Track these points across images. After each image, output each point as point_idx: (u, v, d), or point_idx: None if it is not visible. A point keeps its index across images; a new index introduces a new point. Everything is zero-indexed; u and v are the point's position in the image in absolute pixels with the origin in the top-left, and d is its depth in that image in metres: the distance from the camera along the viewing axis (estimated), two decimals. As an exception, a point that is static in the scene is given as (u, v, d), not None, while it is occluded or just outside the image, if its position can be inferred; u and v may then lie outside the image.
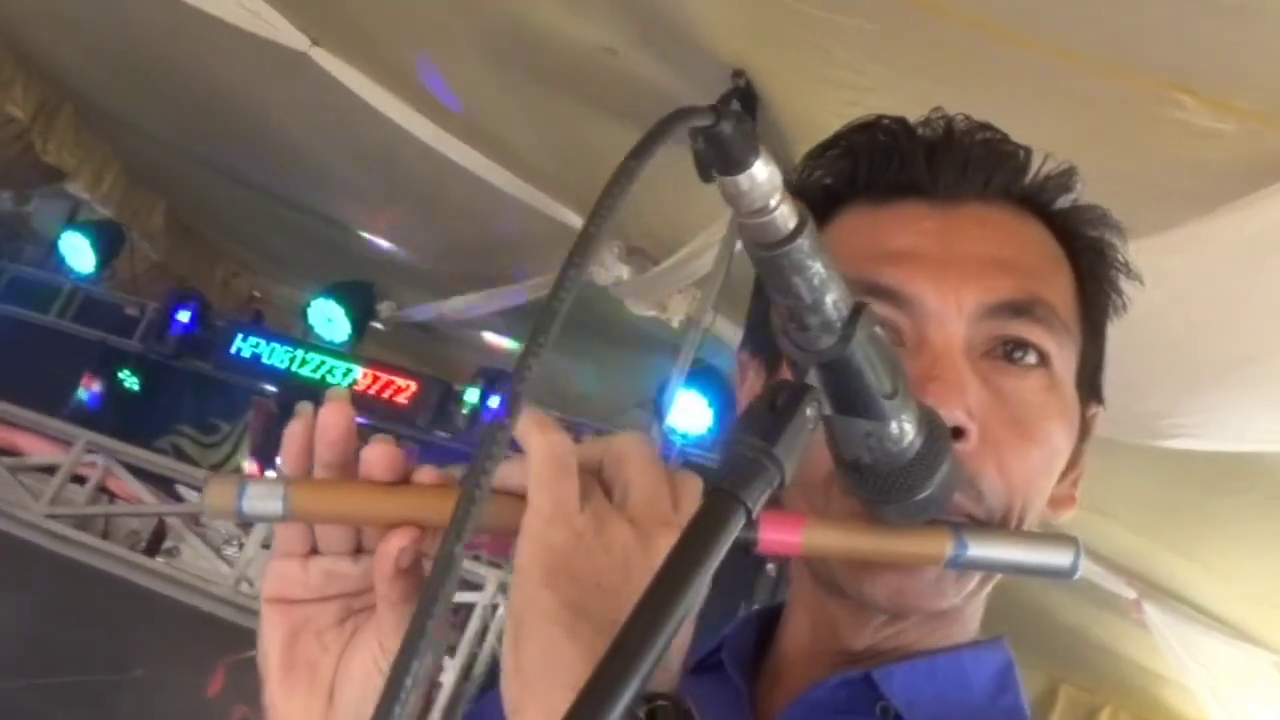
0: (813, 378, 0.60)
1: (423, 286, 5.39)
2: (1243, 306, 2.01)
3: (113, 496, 3.22)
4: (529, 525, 0.61)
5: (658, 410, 4.21)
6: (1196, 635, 4.04)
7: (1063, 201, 0.85)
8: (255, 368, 5.38)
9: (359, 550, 0.72)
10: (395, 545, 0.67)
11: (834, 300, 0.58)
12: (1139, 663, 4.93)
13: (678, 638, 0.56)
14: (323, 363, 5.25)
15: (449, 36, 3.29)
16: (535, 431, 0.63)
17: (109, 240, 5.98)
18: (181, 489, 3.32)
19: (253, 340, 5.40)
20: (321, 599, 0.73)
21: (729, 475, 0.56)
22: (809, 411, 0.59)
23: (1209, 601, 3.84)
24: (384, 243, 5.23)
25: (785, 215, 0.54)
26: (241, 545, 2.98)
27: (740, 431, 0.58)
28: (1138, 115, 1.99)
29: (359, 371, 5.16)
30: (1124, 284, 0.88)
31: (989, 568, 0.75)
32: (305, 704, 0.73)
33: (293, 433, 0.69)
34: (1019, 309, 0.78)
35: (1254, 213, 1.89)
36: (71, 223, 6.19)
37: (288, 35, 3.55)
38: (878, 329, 0.61)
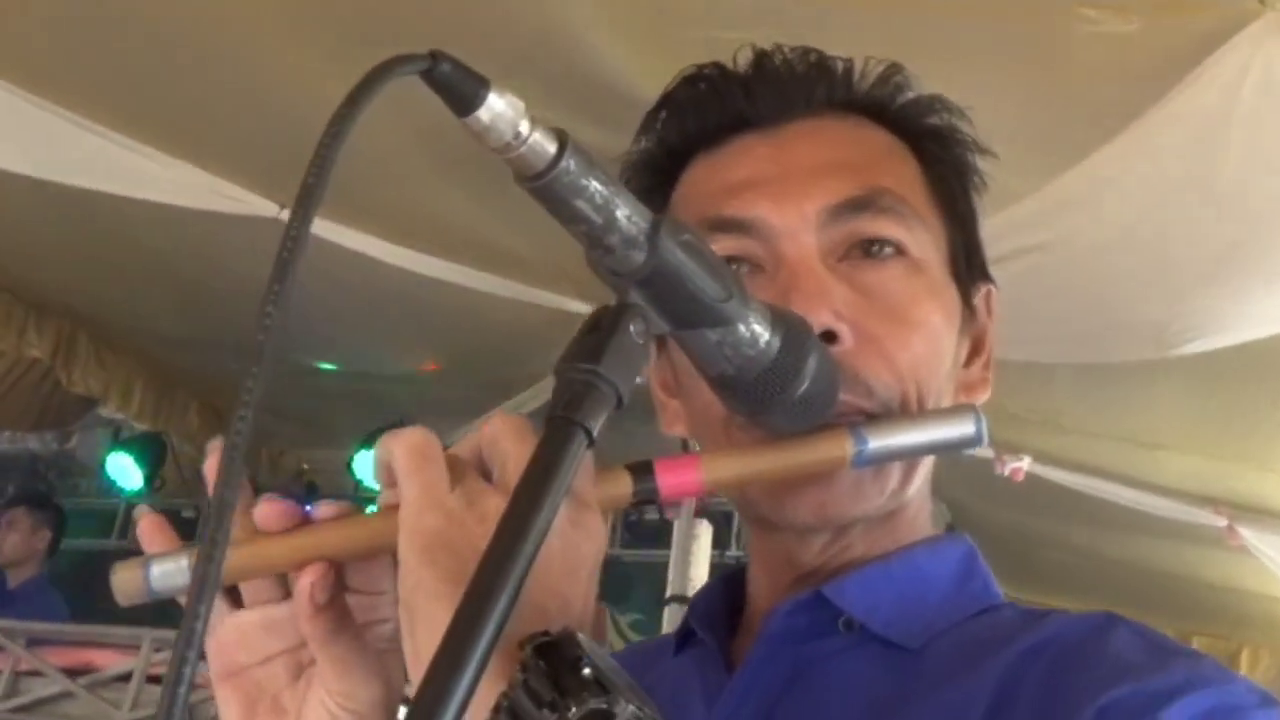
0: (635, 297, 0.62)
1: (457, 412, 5.45)
2: (1207, 196, 2.00)
3: (192, 685, 3.23)
4: (403, 517, 0.62)
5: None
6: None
7: (892, 98, 0.86)
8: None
9: (288, 595, 0.73)
10: (306, 582, 0.67)
11: (627, 215, 0.59)
12: (1257, 592, 4.79)
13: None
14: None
15: (415, 165, 3.37)
16: (390, 440, 0.64)
17: (152, 452, 6.12)
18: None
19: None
20: (266, 659, 0.73)
21: (561, 402, 0.58)
22: (633, 328, 0.60)
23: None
24: (411, 374, 5.30)
25: (541, 141, 0.56)
26: None
27: (566, 360, 0.59)
28: (1051, 38, 2.00)
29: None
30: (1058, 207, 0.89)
31: (895, 456, 0.75)
32: None
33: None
34: (862, 204, 0.79)
35: (1183, 104, 1.90)
36: (116, 443, 6.34)
37: (257, 207, 3.67)
38: (688, 236, 0.62)
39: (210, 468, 0.69)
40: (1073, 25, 1.91)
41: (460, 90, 0.54)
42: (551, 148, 0.56)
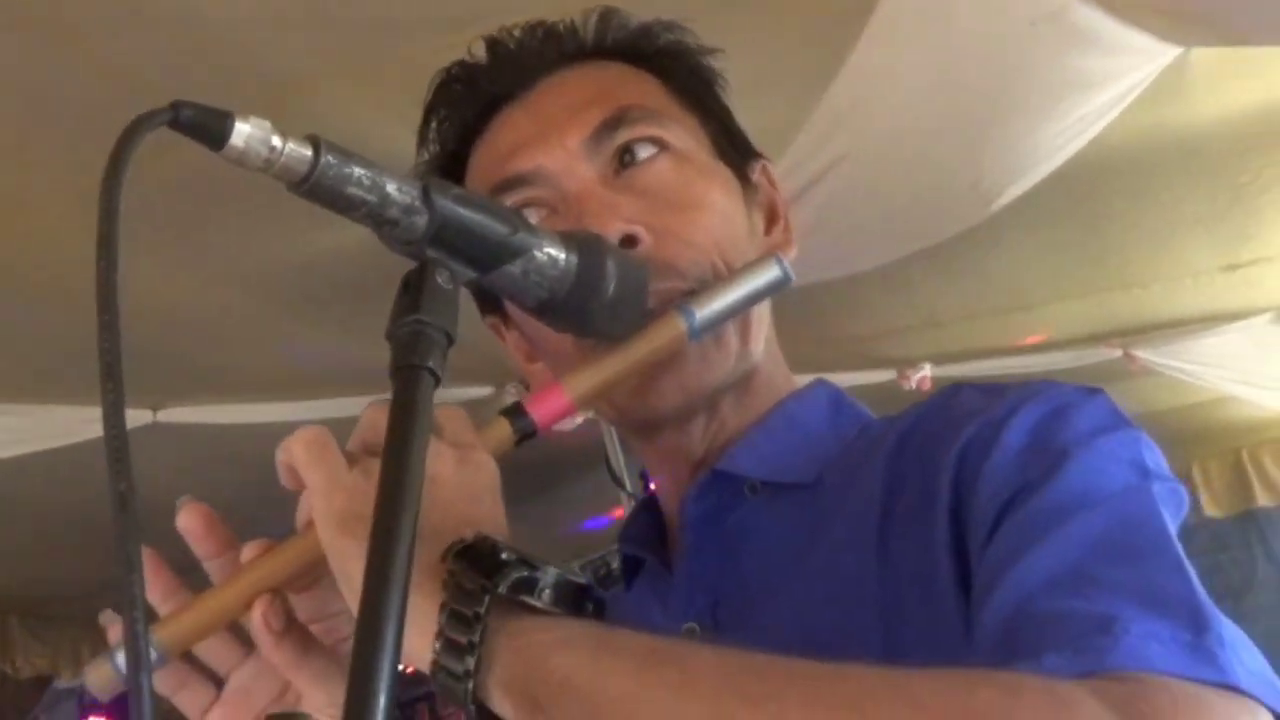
0: (433, 254, 0.70)
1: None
2: (954, 56, 2.14)
3: None
4: (314, 504, 0.69)
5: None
6: (1192, 347, 4.13)
7: (614, 36, 0.96)
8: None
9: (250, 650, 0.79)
10: (258, 614, 0.73)
11: (397, 187, 0.67)
12: (1175, 406, 5.00)
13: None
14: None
15: (265, 324, 3.41)
16: (289, 441, 0.71)
17: (124, 704, 5.96)
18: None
19: None
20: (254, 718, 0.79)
21: (400, 354, 0.65)
22: (440, 279, 0.68)
23: (1177, 309, 3.94)
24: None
25: (296, 149, 0.64)
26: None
27: (391, 322, 0.67)
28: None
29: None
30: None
31: (723, 316, 0.83)
32: None
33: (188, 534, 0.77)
34: (614, 122, 0.88)
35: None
36: (86, 710, 6.17)
37: (132, 418, 3.65)
38: (457, 190, 0.71)
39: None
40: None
41: (209, 127, 0.61)
42: (308, 151, 0.64)
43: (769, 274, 0.84)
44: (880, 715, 0.53)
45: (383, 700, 0.52)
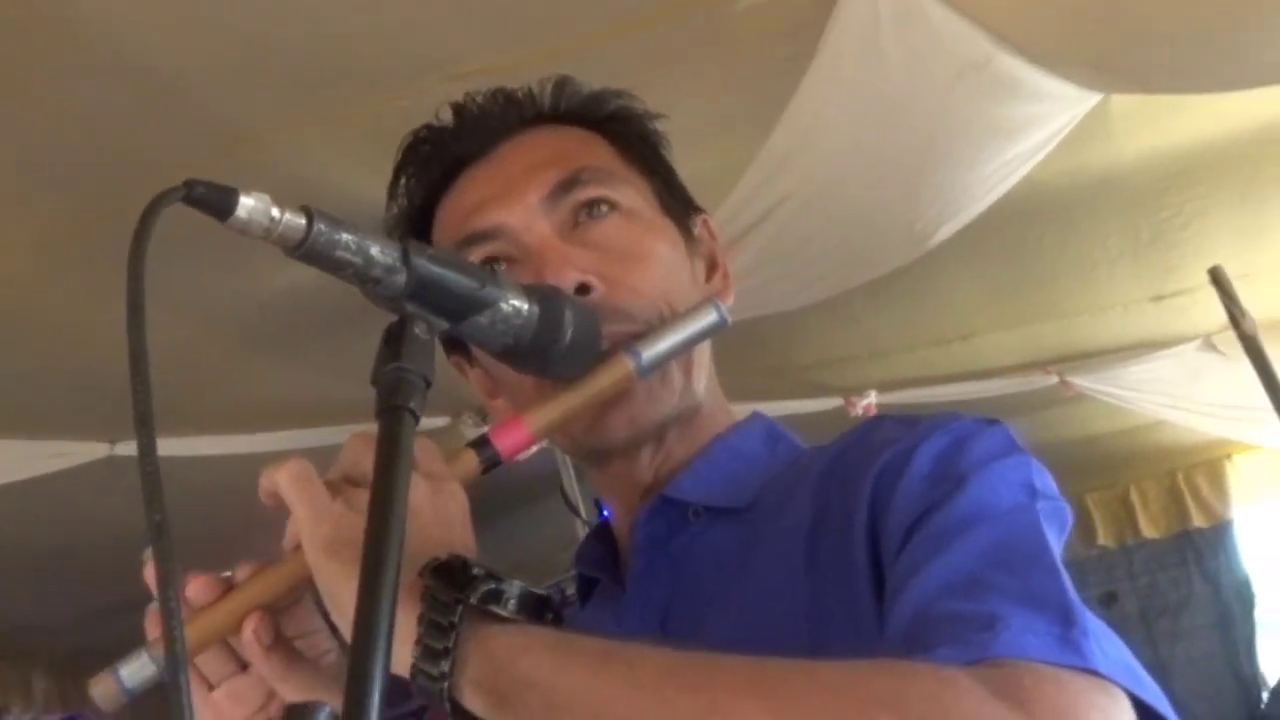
0: (411, 309, 0.79)
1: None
2: (888, 105, 2.27)
3: None
4: (302, 531, 0.78)
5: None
6: (1124, 373, 4.28)
7: (567, 103, 1.06)
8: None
9: (244, 667, 0.87)
10: (248, 630, 0.81)
11: (380, 250, 0.76)
12: (1114, 430, 5.17)
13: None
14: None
15: (226, 360, 3.46)
16: (273, 471, 0.80)
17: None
18: None
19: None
20: None
21: (385, 397, 0.75)
22: (418, 330, 0.78)
23: (1108, 338, 4.09)
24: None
25: (292, 218, 0.73)
26: None
27: (376, 369, 0.76)
28: (715, 30, 2.25)
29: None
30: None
31: (667, 356, 0.92)
32: None
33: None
34: (570, 182, 0.98)
35: (840, 35, 2.15)
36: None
37: (88, 452, 3.71)
38: (431, 251, 0.80)
39: (148, 573, 0.84)
40: (723, 11, 2.17)
41: (216, 202, 0.70)
42: (302, 220, 0.73)
43: (707, 318, 0.94)
44: (793, 696, 0.63)
45: (376, 700, 0.61)
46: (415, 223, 1.05)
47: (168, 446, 3.74)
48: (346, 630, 0.74)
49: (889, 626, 0.73)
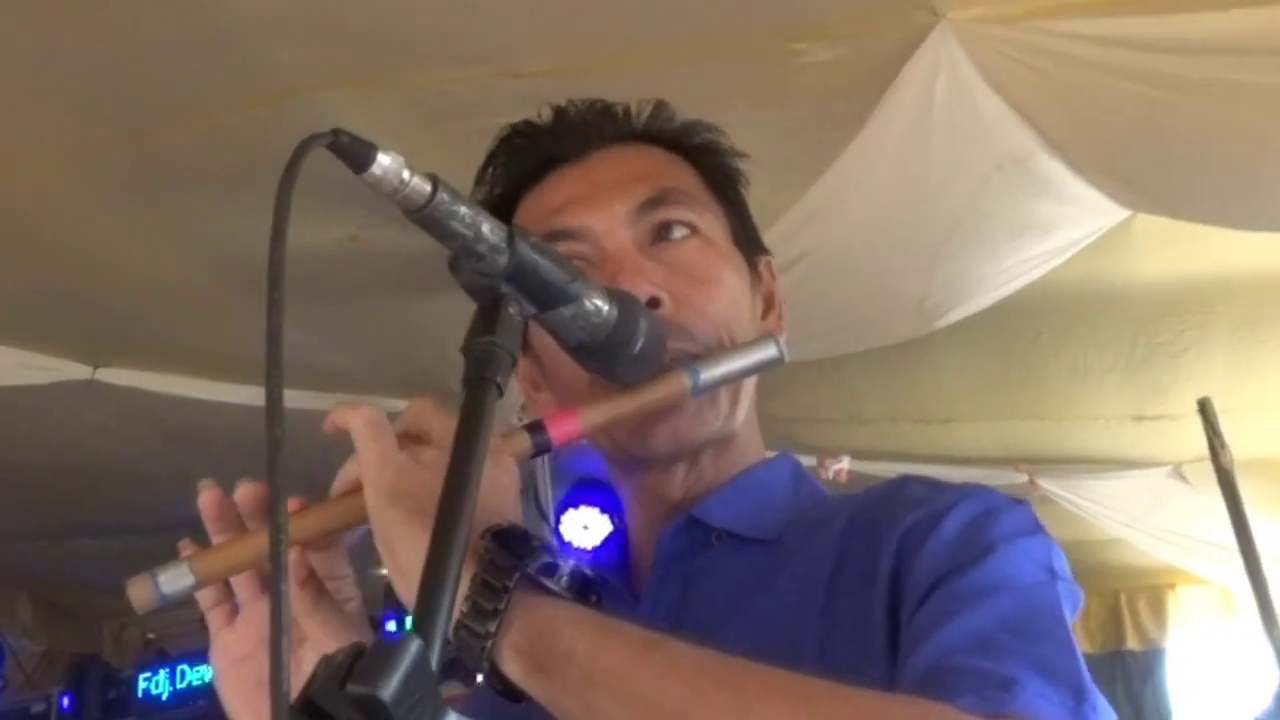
0: (506, 289, 0.83)
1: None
2: (925, 185, 2.33)
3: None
4: (365, 475, 0.81)
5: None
6: (1092, 485, 4.35)
7: (664, 127, 1.11)
8: (186, 695, 5.37)
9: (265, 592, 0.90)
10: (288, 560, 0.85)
11: (490, 228, 0.80)
12: (1069, 540, 5.23)
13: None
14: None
15: (209, 295, 3.47)
16: (347, 411, 0.83)
17: (-12, 655, 5.88)
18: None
19: (159, 676, 5.39)
20: (255, 650, 0.91)
21: (475, 367, 0.78)
22: (511, 310, 0.81)
23: (1083, 448, 4.16)
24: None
25: (420, 183, 0.76)
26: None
27: (469, 340, 0.80)
28: (772, 78, 2.31)
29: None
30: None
31: (722, 380, 0.97)
32: None
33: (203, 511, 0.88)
34: (657, 200, 1.02)
35: (893, 107, 2.22)
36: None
37: (70, 371, 3.70)
38: (535, 239, 0.84)
39: (206, 502, 0.88)
40: (787, 60, 2.23)
41: (357, 154, 0.74)
42: (428, 187, 0.77)
43: (766, 352, 0.99)
44: (824, 711, 0.67)
45: (440, 636, 0.64)
46: (497, 209, 1.09)
47: (153, 381, 3.74)
48: (397, 577, 0.78)
49: (905, 672, 0.77)
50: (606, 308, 0.88)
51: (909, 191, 2.34)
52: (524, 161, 1.07)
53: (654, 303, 0.96)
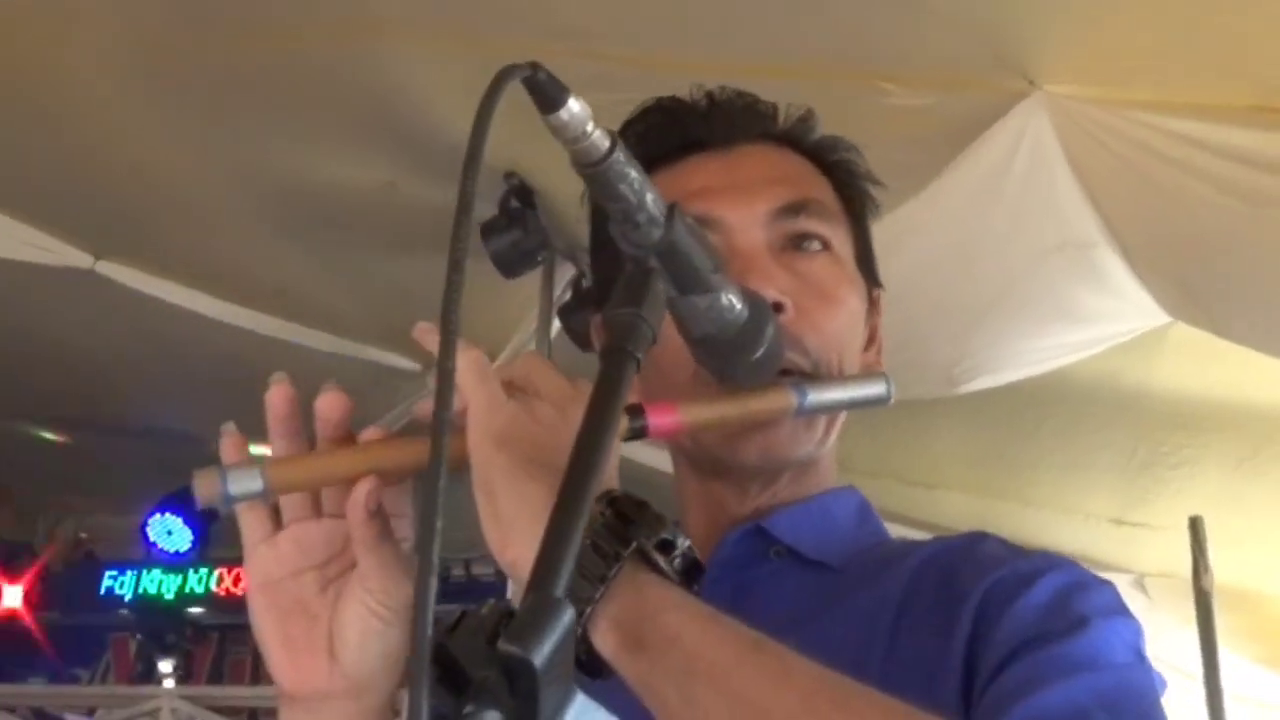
0: (654, 264, 0.80)
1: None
2: (982, 248, 2.32)
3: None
4: (473, 416, 0.77)
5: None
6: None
7: (809, 136, 1.08)
8: (108, 602, 5.28)
9: (319, 515, 0.85)
10: (363, 490, 0.79)
11: (653, 199, 0.77)
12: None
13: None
14: (177, 576, 5.18)
15: (233, 213, 3.42)
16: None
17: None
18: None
19: (110, 573, 5.31)
20: (296, 573, 0.85)
21: (616, 337, 0.75)
22: (658, 285, 0.78)
23: (1057, 540, 4.16)
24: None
25: (600, 138, 0.73)
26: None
27: (613, 306, 0.76)
28: (853, 111, 2.29)
29: (214, 574, 5.12)
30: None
31: (827, 408, 0.95)
32: (312, 667, 0.84)
33: (272, 408, 0.83)
34: (797, 208, 1.00)
35: (968, 167, 2.21)
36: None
37: (69, 257, 3.62)
38: (691, 220, 0.81)
39: (278, 397, 0.83)
40: (873, 97, 2.21)
41: (550, 94, 0.70)
42: (606, 144, 0.73)
43: (875, 389, 0.96)
44: None
45: (563, 579, 0.60)
46: None
47: (152, 284, 3.68)
48: (492, 523, 0.75)
49: None
50: (739, 306, 0.85)
51: (963, 254, 2.33)
52: (665, 138, 1.04)
53: (777, 308, 0.94)
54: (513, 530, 0.73)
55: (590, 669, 0.72)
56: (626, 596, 0.71)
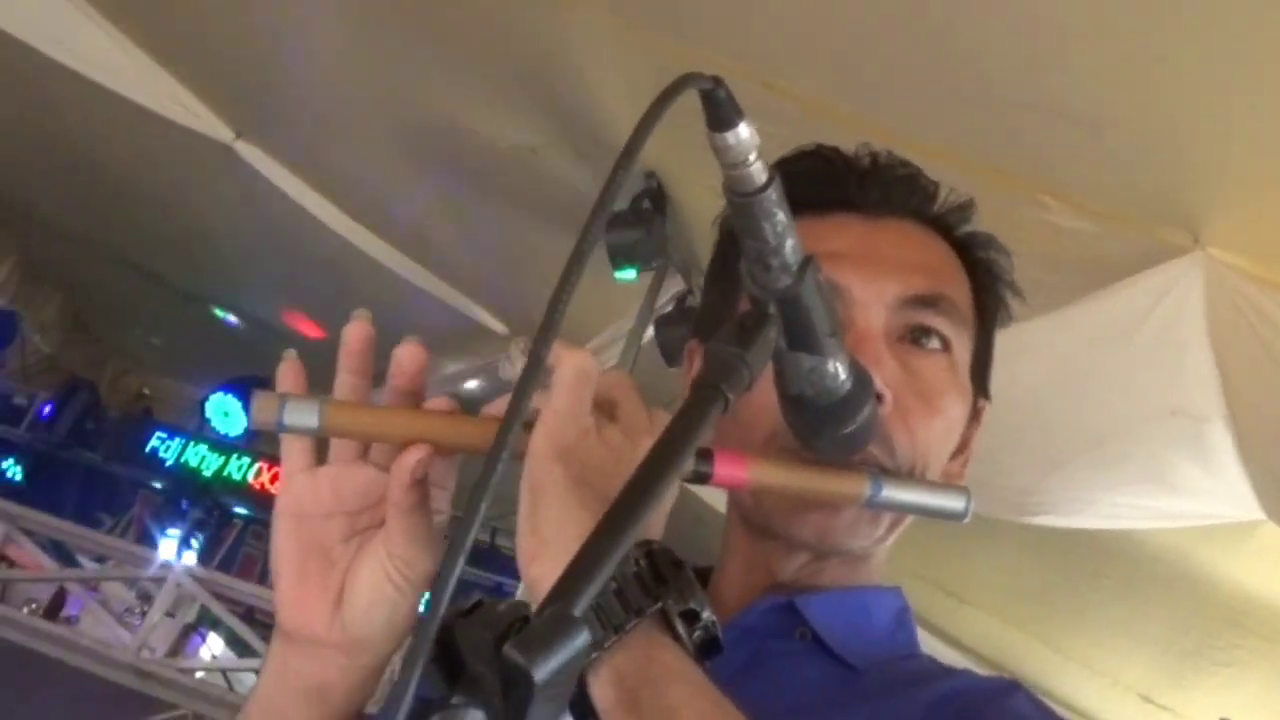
0: (773, 311, 0.77)
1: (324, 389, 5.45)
2: (1092, 389, 2.24)
3: (11, 563, 3.19)
4: (546, 419, 0.75)
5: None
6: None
7: (962, 227, 1.04)
8: (149, 460, 5.38)
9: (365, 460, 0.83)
10: (413, 458, 0.77)
11: (792, 246, 0.74)
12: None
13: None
14: (220, 456, 5.25)
15: (369, 132, 3.45)
16: (565, 351, 0.77)
17: (1, 328, 5.94)
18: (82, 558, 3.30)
19: (159, 434, 5.41)
20: (327, 515, 0.83)
21: (713, 373, 0.72)
22: (771, 333, 0.75)
23: (1078, 698, 4.04)
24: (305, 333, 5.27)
25: (759, 170, 0.70)
26: (143, 613, 2.98)
27: (720, 341, 0.73)
28: (1005, 214, 2.23)
29: (255, 465, 5.18)
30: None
31: (898, 508, 0.90)
32: (316, 610, 0.82)
33: (347, 343, 0.81)
34: (928, 301, 0.95)
35: (1105, 305, 2.14)
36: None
37: (212, 127, 3.69)
38: (822, 278, 0.78)
39: (355, 334, 0.81)
40: (1029, 207, 2.15)
41: (725, 113, 0.68)
42: (764, 178, 0.71)
43: (954, 503, 0.91)
44: None
45: (584, 604, 0.57)
46: None
47: (283, 177, 3.72)
48: (528, 534, 0.72)
49: None
50: (844, 376, 0.81)
51: (1073, 389, 2.26)
52: (818, 187, 1.00)
53: (877, 397, 0.90)
54: (546, 548, 0.71)
55: (579, 709, 0.69)
56: (636, 653, 0.68)
